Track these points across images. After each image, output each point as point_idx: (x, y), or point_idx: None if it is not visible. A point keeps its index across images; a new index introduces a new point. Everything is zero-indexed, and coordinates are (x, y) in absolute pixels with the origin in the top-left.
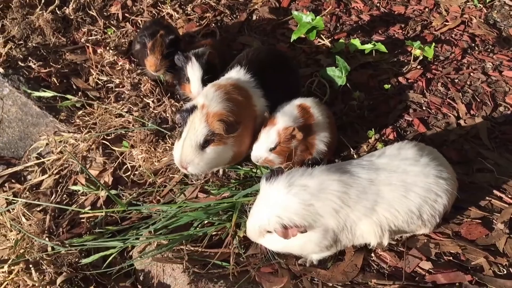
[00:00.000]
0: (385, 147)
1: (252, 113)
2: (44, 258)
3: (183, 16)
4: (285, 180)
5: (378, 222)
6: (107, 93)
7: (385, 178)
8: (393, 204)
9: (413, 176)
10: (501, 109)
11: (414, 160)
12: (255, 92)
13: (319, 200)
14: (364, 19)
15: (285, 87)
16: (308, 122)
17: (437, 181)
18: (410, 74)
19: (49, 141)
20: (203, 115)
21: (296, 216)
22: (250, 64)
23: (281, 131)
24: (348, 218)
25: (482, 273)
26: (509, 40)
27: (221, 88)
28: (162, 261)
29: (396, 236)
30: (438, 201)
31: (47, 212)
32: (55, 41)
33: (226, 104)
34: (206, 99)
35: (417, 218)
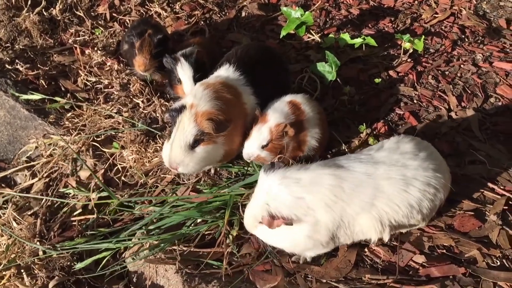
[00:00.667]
0: (382, 141)
1: (242, 110)
2: (35, 262)
3: (171, 15)
4: (281, 172)
5: (378, 217)
6: (96, 94)
7: (384, 172)
8: (393, 198)
9: (412, 170)
10: (492, 100)
11: (413, 154)
12: (245, 90)
13: (310, 193)
14: (353, 13)
15: (275, 84)
16: (299, 118)
17: (436, 175)
18: (401, 68)
19: (39, 144)
20: (192, 114)
21: (283, 207)
22: (239, 62)
23: (273, 128)
24: (344, 212)
25: (476, 265)
26: (499, 30)
27: (210, 87)
28: (155, 262)
29: (396, 231)
30: (436, 195)
31: (38, 216)
32: (43, 42)
33: (215, 103)
34: (195, 98)
35: (417, 213)
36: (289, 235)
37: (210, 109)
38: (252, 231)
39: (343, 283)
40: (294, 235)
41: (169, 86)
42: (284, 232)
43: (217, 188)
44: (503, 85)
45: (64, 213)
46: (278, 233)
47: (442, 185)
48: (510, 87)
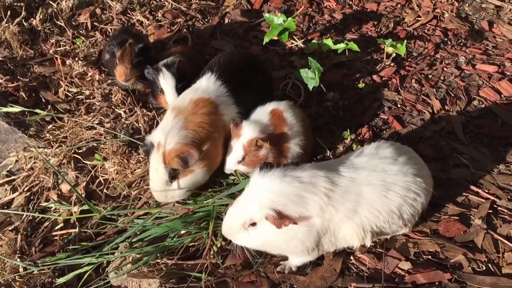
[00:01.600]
0: (363, 147)
1: (220, 123)
2: (16, 279)
3: (153, 23)
4: (279, 171)
5: (360, 223)
6: (78, 105)
7: (365, 178)
8: (374, 204)
9: (392, 175)
10: (475, 103)
11: (393, 159)
12: (224, 101)
13: (309, 193)
14: (337, 18)
15: (259, 91)
16: (280, 128)
17: (416, 179)
18: (384, 72)
19: (19, 157)
20: (160, 155)
21: (290, 204)
22: (222, 70)
23: (246, 144)
24: (332, 219)
25: (461, 271)
26: (481, 33)
27: (180, 114)
28: (138, 276)
29: (378, 237)
30: (417, 200)
31: (19, 231)
32: (23, 53)
33: (183, 135)
34: (163, 132)
35: (398, 218)
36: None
37: (176, 146)
38: (233, 237)
39: None
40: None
41: (152, 96)
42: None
43: (202, 199)
44: (486, 88)
45: (46, 227)
46: (268, 235)
47: (422, 189)
48: (493, 89)
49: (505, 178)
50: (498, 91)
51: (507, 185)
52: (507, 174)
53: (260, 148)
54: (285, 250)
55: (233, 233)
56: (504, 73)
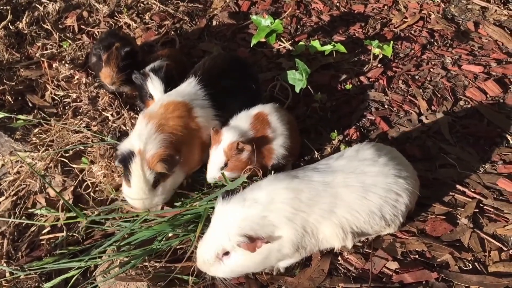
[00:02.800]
0: (344, 150)
1: (194, 126)
2: (2, 284)
3: (141, 25)
4: (239, 196)
5: (339, 223)
6: (64, 108)
7: (343, 180)
8: (352, 205)
9: (372, 176)
10: (461, 103)
11: (372, 160)
12: (199, 104)
13: (270, 211)
14: (324, 20)
15: (245, 93)
16: (263, 130)
17: (397, 180)
18: (371, 73)
19: (5, 161)
20: (144, 162)
21: (257, 226)
22: (206, 74)
23: (226, 149)
24: (306, 222)
25: (448, 270)
26: (467, 33)
27: (152, 119)
28: (125, 280)
29: (361, 238)
30: (399, 201)
31: (5, 236)
32: (9, 57)
33: (161, 139)
34: (141, 141)
35: (380, 219)
36: (259, 255)
37: (158, 150)
38: (209, 270)
39: None
40: (265, 254)
41: (140, 101)
42: (255, 255)
43: (190, 201)
44: (472, 88)
45: (32, 232)
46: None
47: (404, 190)
48: (479, 89)
49: (491, 178)
50: (484, 91)
51: (493, 184)
52: (493, 173)
53: (242, 151)
54: (266, 265)
55: (209, 266)
56: (489, 74)
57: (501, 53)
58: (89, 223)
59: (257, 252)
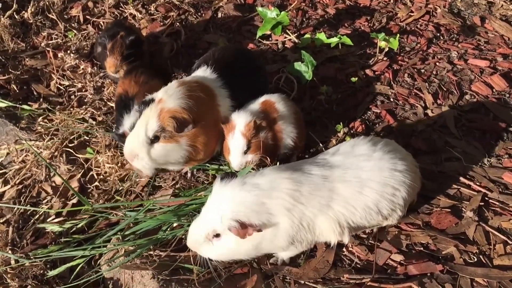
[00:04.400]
0: (339, 145)
1: (215, 113)
2: (7, 271)
3: (146, 16)
4: (239, 179)
5: (335, 218)
6: (70, 98)
7: (340, 175)
8: (349, 200)
9: (367, 171)
10: (467, 97)
11: (367, 155)
12: (220, 92)
13: (270, 198)
14: (330, 13)
15: (253, 86)
16: (271, 115)
17: (393, 174)
18: (377, 66)
19: (10, 150)
20: (157, 109)
21: (253, 213)
22: (217, 64)
23: (244, 131)
24: (303, 216)
25: (453, 262)
26: (473, 28)
27: (184, 85)
28: (130, 268)
29: (358, 231)
30: (396, 195)
31: (10, 223)
32: (14, 46)
33: (185, 102)
34: (166, 94)
35: (376, 214)
36: (249, 242)
37: (176, 107)
38: (198, 249)
39: (322, 283)
40: (257, 242)
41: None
42: (246, 241)
43: (194, 191)
44: (478, 82)
45: (37, 220)
46: (236, 244)
47: (401, 183)
48: (485, 84)
49: (497, 171)
50: (490, 85)
51: (499, 178)
52: (498, 167)
53: (260, 129)
54: (257, 254)
55: (198, 245)
56: (496, 68)
57: (507, 48)
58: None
59: (248, 239)
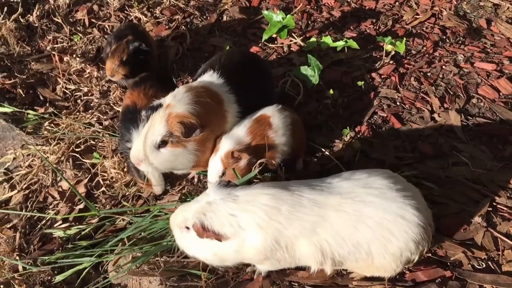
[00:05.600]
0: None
1: (223, 119)
2: (15, 278)
3: (151, 20)
4: (229, 189)
5: (318, 245)
6: (76, 102)
7: (336, 203)
8: (339, 231)
9: (370, 207)
10: (474, 101)
11: (380, 191)
12: (228, 98)
13: (243, 211)
14: (335, 16)
15: (259, 91)
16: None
17: (396, 219)
18: (383, 70)
19: (17, 155)
20: (165, 114)
21: (217, 222)
22: (223, 69)
23: (223, 157)
24: (281, 235)
25: (462, 268)
26: (479, 31)
27: (192, 90)
28: (138, 274)
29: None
30: (392, 241)
31: (17, 229)
32: (20, 50)
33: (193, 107)
34: (174, 99)
35: (366, 255)
36: (216, 248)
37: (184, 112)
38: (174, 230)
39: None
40: (222, 248)
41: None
42: (212, 244)
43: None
44: (484, 86)
45: (44, 225)
46: (205, 244)
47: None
48: (492, 87)
49: (504, 176)
50: (496, 89)
51: (507, 182)
52: (506, 172)
53: (239, 159)
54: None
55: (174, 227)
56: (502, 71)
57: None
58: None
59: (209, 242)
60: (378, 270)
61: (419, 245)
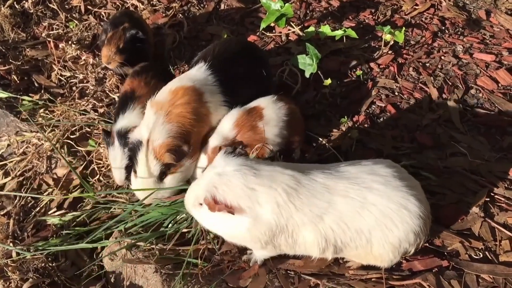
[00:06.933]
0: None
1: (203, 110)
2: (8, 264)
3: (148, 7)
4: (241, 159)
5: (323, 232)
6: (71, 89)
7: (344, 189)
8: (344, 217)
9: (375, 194)
10: (472, 91)
11: (385, 178)
12: (210, 89)
13: (264, 186)
14: (334, 5)
15: (255, 81)
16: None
17: (400, 209)
18: (382, 60)
19: (11, 142)
20: (150, 151)
21: (231, 194)
22: (215, 59)
23: (209, 153)
24: (290, 218)
25: (459, 258)
26: (478, 22)
27: (160, 109)
28: (133, 262)
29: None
30: (393, 231)
31: (11, 216)
32: (15, 36)
33: (169, 128)
34: (148, 129)
35: (366, 242)
36: (229, 223)
37: (166, 140)
38: (191, 211)
39: (326, 279)
40: (234, 225)
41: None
42: (224, 219)
43: None
44: (483, 77)
45: (38, 212)
46: (219, 219)
47: (404, 222)
48: (491, 78)
49: (502, 167)
50: (495, 80)
51: (504, 173)
52: (504, 162)
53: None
54: (235, 238)
55: (190, 209)
56: (501, 62)
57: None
58: (95, 204)
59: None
60: (375, 259)
61: (417, 237)
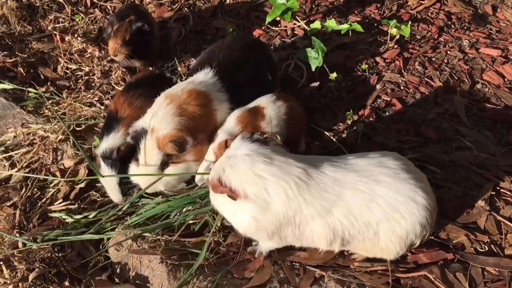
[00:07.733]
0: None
1: (212, 117)
2: (15, 254)
3: (154, 1)
4: (255, 145)
5: (332, 225)
6: (77, 82)
7: (353, 181)
8: (353, 210)
9: (383, 187)
10: (478, 86)
11: (393, 171)
12: (217, 96)
13: (275, 176)
14: (339, 0)
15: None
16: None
17: (407, 201)
18: (387, 54)
19: (17, 133)
20: (154, 140)
21: (235, 179)
22: (221, 65)
23: (216, 149)
24: (299, 211)
25: (464, 251)
26: (484, 17)
27: (173, 101)
28: (138, 253)
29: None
30: (401, 223)
31: (17, 206)
32: (21, 29)
33: (177, 121)
34: (156, 119)
35: (374, 234)
36: (234, 208)
37: (171, 131)
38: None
39: (331, 270)
40: (239, 211)
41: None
42: (230, 204)
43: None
44: (489, 71)
45: (44, 203)
46: (221, 200)
47: (412, 214)
48: (497, 73)
49: (508, 161)
50: (501, 74)
51: (510, 167)
52: (510, 157)
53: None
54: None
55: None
56: (507, 57)
57: None
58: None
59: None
60: (382, 252)
61: (424, 229)
